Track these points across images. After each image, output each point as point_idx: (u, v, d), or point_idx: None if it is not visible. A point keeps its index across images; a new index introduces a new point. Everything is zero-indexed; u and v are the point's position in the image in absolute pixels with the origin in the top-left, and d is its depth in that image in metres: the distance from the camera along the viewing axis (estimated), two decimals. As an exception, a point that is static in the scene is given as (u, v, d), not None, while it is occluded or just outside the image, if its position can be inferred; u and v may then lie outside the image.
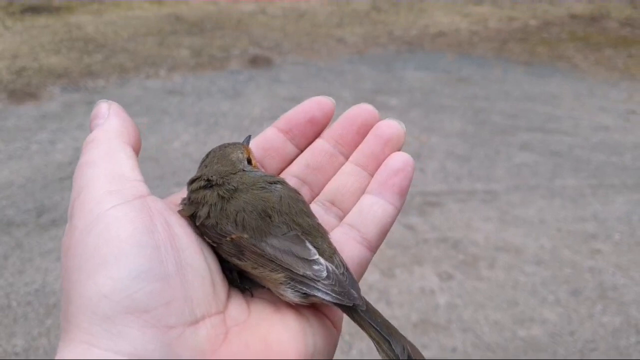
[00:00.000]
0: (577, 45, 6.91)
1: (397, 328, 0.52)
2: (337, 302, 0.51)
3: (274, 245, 0.53)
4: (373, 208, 0.59)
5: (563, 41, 7.06)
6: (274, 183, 0.57)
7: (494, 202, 3.65)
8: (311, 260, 0.52)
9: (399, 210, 0.61)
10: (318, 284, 0.51)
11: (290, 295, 0.51)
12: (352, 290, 0.52)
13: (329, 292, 0.51)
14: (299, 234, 0.54)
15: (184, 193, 0.60)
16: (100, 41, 6.72)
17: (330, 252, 0.54)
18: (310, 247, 0.53)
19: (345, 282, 0.52)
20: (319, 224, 0.57)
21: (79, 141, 4.12)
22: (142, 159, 0.55)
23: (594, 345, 2.58)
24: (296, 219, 0.55)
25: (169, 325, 0.43)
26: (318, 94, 0.66)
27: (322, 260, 0.52)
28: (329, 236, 0.57)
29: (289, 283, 0.51)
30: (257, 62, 6.21)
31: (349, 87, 5.48)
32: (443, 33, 7.34)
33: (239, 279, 0.54)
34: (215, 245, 0.53)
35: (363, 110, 0.64)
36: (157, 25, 7.38)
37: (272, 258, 0.52)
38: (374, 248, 0.60)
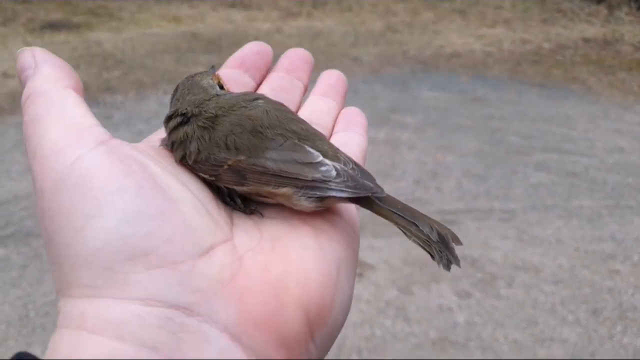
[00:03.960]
0: (591, 68, 6.92)
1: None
2: (353, 195, 0.49)
3: (274, 159, 0.49)
4: (350, 137, 0.63)
5: (577, 64, 7.07)
6: (255, 100, 0.54)
7: (512, 221, 3.63)
8: (316, 163, 0.49)
9: (366, 142, 0.65)
10: (330, 184, 0.48)
11: (304, 203, 0.49)
12: (366, 181, 0.50)
13: (344, 189, 0.48)
14: (296, 141, 0.51)
15: (161, 134, 0.57)
16: (118, 57, 6.82)
17: (333, 152, 0.52)
18: (312, 150, 0.50)
19: (357, 175, 0.50)
20: (313, 128, 0.55)
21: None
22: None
23: (615, 366, 2.55)
24: (289, 127, 0.52)
25: (176, 262, 0.40)
26: None
27: (327, 161, 0.50)
28: (326, 138, 0.55)
29: (301, 191, 0.48)
30: (272, 79, 6.27)
31: (364, 106, 5.42)
32: (457, 54, 7.38)
33: (243, 204, 0.51)
34: (213, 178, 0.50)
35: (298, 49, 0.71)
36: (174, 43, 7.48)
37: (277, 172, 0.49)
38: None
